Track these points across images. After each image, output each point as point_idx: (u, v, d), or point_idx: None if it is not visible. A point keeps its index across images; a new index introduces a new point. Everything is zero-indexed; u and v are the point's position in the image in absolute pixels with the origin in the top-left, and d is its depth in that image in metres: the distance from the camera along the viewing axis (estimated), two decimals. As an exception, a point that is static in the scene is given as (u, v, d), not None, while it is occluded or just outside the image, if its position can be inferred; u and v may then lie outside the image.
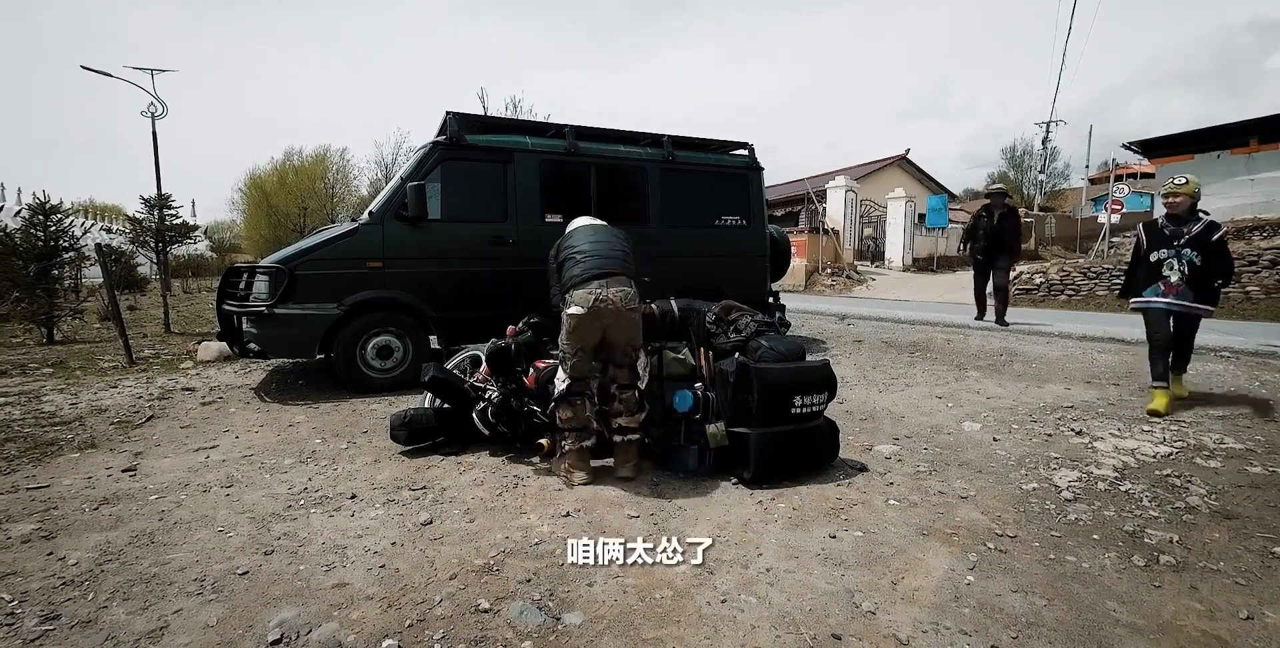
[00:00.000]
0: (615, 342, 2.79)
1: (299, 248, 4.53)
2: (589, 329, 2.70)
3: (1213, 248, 3.72)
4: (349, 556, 2.07)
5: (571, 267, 2.81)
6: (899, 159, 25.33)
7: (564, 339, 2.75)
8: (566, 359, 2.77)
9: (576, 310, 2.66)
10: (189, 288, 20.49)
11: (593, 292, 2.66)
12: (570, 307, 2.68)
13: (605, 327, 2.72)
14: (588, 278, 2.72)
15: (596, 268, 2.76)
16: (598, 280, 2.71)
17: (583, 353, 2.75)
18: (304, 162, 31.11)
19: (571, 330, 2.71)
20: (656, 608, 1.78)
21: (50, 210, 8.18)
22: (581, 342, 2.73)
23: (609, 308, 2.67)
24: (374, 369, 4.53)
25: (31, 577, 1.94)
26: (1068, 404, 4.07)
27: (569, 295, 2.72)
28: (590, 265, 2.77)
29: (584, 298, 2.66)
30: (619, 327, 2.75)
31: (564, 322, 2.72)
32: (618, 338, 2.78)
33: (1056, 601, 1.82)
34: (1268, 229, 12.92)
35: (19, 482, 2.78)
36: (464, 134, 4.78)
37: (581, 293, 2.67)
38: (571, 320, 2.69)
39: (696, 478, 2.78)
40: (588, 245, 2.90)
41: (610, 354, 2.83)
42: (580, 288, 2.70)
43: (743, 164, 6.13)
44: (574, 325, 2.69)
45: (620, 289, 2.71)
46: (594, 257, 2.82)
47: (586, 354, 2.77)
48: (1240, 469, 2.89)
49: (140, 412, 4.01)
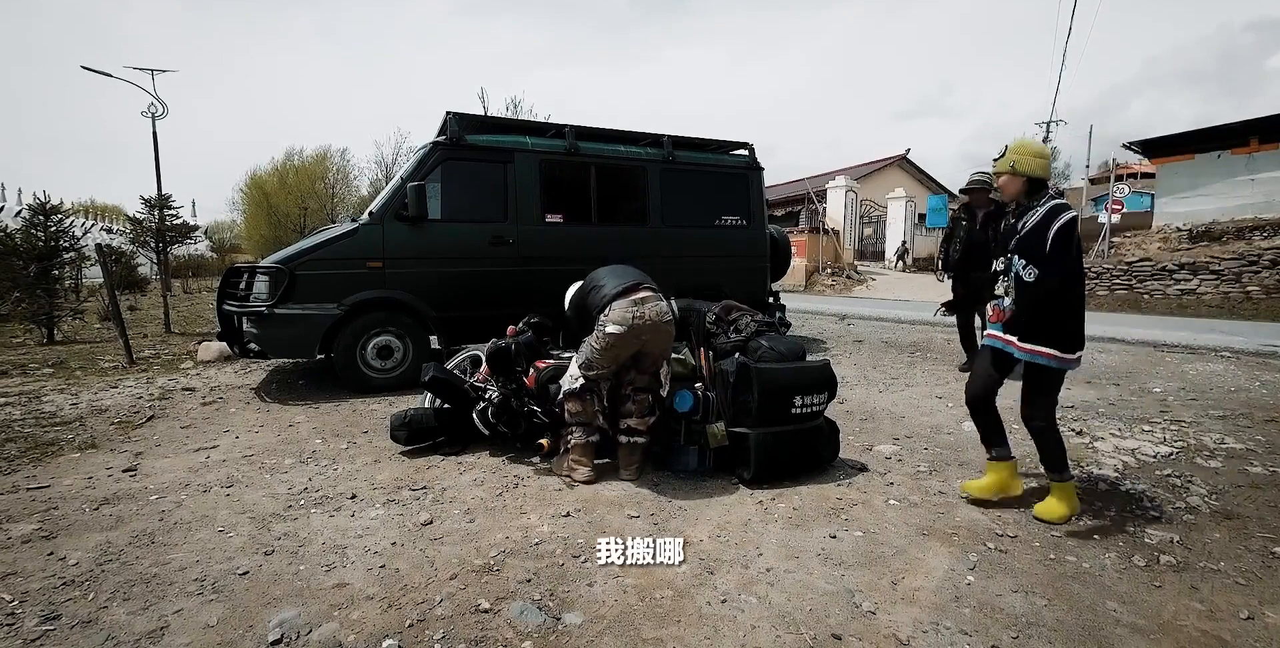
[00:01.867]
0: (650, 353, 2.82)
1: (299, 248, 4.53)
2: (626, 346, 2.72)
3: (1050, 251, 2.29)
4: (349, 556, 2.07)
5: (599, 292, 2.82)
6: (899, 159, 25.34)
7: (596, 355, 2.73)
8: (594, 369, 2.75)
9: (616, 329, 2.65)
10: (189, 288, 20.49)
11: (629, 310, 2.67)
12: (609, 325, 2.66)
13: (644, 342, 2.75)
14: (619, 292, 2.73)
15: (625, 282, 2.79)
16: (631, 295, 2.72)
17: (613, 368, 2.78)
18: (304, 162, 31.14)
19: (608, 347, 2.70)
20: (657, 608, 1.78)
21: (50, 210, 8.19)
22: (616, 358, 2.75)
23: (647, 324, 2.69)
24: (374, 369, 4.53)
25: (32, 577, 1.94)
26: (1068, 404, 4.06)
27: (605, 314, 2.70)
28: (618, 281, 2.80)
29: (622, 317, 2.65)
30: (656, 341, 2.78)
31: (600, 338, 2.70)
32: (653, 350, 2.81)
33: (1057, 601, 1.82)
34: (1268, 229, 12.93)
35: (19, 482, 2.79)
36: (464, 134, 4.78)
37: (620, 312, 2.66)
38: (610, 338, 2.67)
39: (696, 478, 2.79)
40: (608, 272, 2.93)
41: (638, 363, 2.84)
42: (617, 304, 2.69)
43: (743, 164, 6.13)
44: (611, 343, 2.68)
45: (655, 305, 2.73)
46: (619, 276, 2.86)
47: (615, 368, 2.79)
48: (1241, 469, 2.89)
49: (140, 412, 4.01)
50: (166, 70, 19.67)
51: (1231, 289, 10.05)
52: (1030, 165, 2.40)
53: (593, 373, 2.75)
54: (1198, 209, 15.08)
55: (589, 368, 2.75)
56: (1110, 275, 11.59)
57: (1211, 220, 14.39)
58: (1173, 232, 14.95)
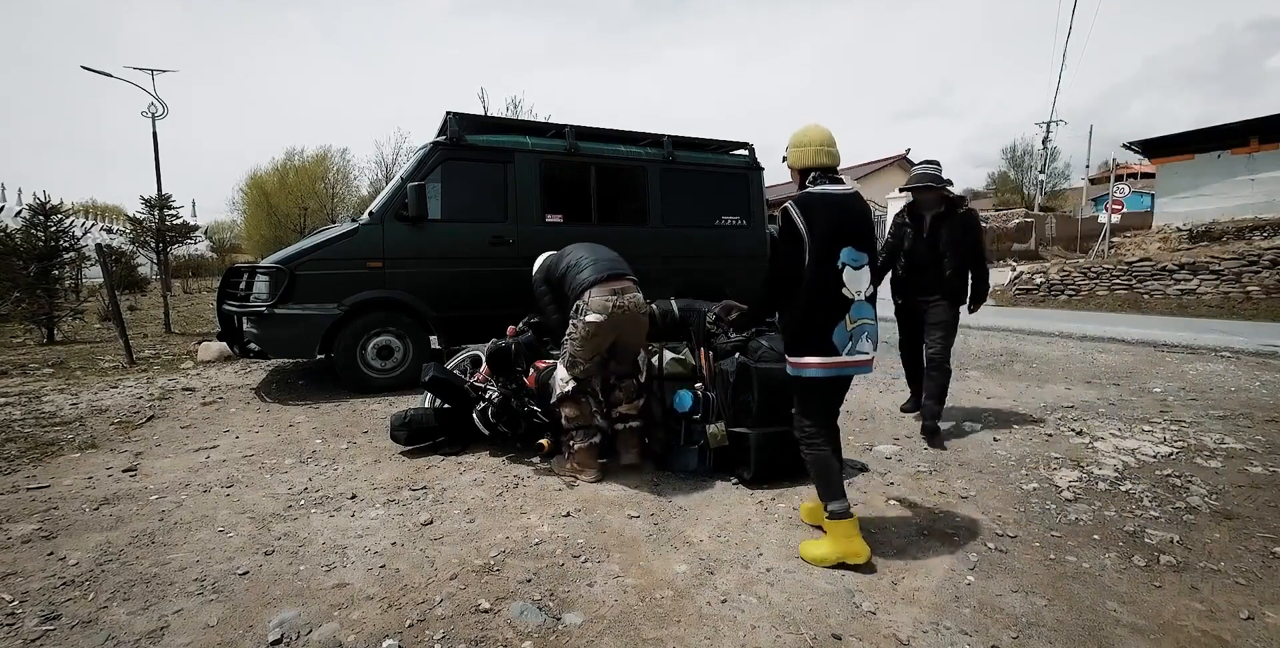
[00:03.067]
0: (626, 343, 2.86)
1: (299, 248, 4.53)
2: (606, 336, 2.73)
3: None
4: (349, 556, 2.07)
5: (577, 273, 2.81)
6: (899, 159, 25.34)
7: (578, 347, 2.73)
8: (578, 364, 2.76)
9: (596, 318, 2.65)
10: (189, 288, 20.50)
11: (609, 299, 2.66)
12: (588, 314, 2.66)
13: (622, 331, 2.77)
14: (600, 279, 2.71)
15: (607, 269, 2.78)
16: (611, 283, 2.71)
17: (596, 359, 2.79)
18: (305, 162, 31.09)
19: (589, 337, 2.70)
20: (657, 608, 1.78)
21: (50, 211, 8.19)
22: (597, 348, 2.76)
23: (626, 315, 2.70)
24: (374, 369, 4.53)
25: (32, 577, 1.94)
26: (1068, 404, 4.07)
27: (584, 301, 2.69)
28: (600, 268, 2.79)
29: (602, 305, 2.65)
30: (632, 331, 2.83)
31: (579, 329, 2.69)
32: (630, 341, 2.86)
33: (1057, 601, 1.82)
34: (1268, 229, 12.93)
35: (19, 482, 2.79)
36: (464, 134, 4.78)
37: (599, 301, 2.66)
38: (590, 328, 2.67)
39: (696, 478, 2.79)
40: (587, 251, 2.93)
41: (616, 353, 2.89)
42: (595, 291, 2.68)
43: (743, 164, 6.13)
44: (592, 332, 2.68)
45: (633, 296, 2.75)
46: (601, 261, 2.84)
47: (598, 360, 2.81)
48: (1241, 469, 2.88)
49: (140, 412, 4.01)
50: (166, 70, 19.64)
51: (1231, 289, 10.04)
52: (793, 157, 2.20)
53: (578, 369, 2.77)
54: (1198, 209, 15.08)
55: (573, 364, 2.76)
56: (1110, 275, 11.59)
57: (1211, 220, 14.40)
58: (1173, 232, 14.95)
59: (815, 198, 2.06)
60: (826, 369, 2.02)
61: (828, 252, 2.01)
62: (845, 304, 2.01)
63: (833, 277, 2.01)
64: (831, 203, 2.06)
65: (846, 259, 2.02)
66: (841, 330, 2.00)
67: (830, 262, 2.01)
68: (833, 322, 2.00)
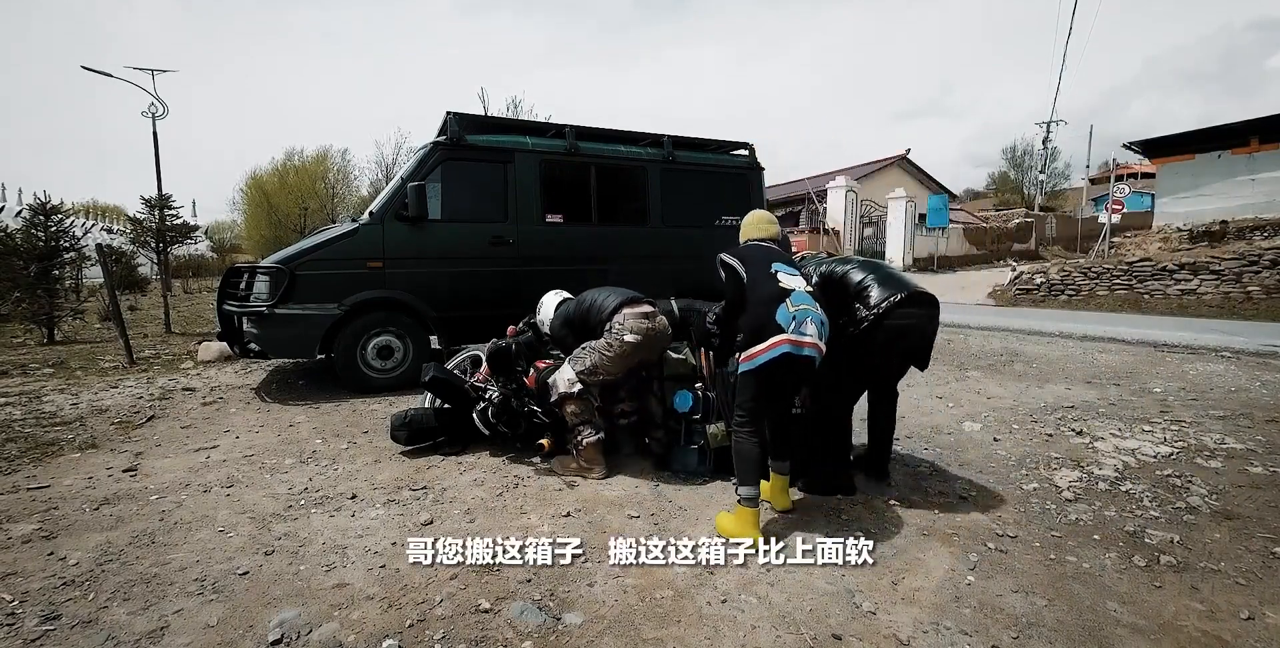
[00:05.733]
0: (650, 360, 2.98)
1: (299, 248, 4.53)
2: (636, 355, 2.82)
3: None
4: (349, 556, 2.07)
5: (596, 306, 2.92)
6: (899, 159, 25.30)
7: (608, 362, 2.79)
8: (599, 375, 2.81)
9: (634, 338, 2.76)
10: (189, 288, 20.49)
11: (642, 321, 2.80)
12: (627, 334, 2.76)
13: (652, 350, 2.89)
14: (626, 301, 2.88)
15: (630, 294, 2.94)
16: (639, 306, 2.87)
17: (621, 373, 2.87)
18: (305, 162, 31.07)
19: (623, 355, 2.78)
20: (657, 608, 1.78)
21: (51, 211, 8.19)
22: (627, 365, 2.85)
23: (657, 335, 2.86)
24: (374, 369, 4.53)
25: (32, 577, 1.94)
26: (1068, 404, 4.06)
27: (618, 322, 2.79)
28: (622, 292, 2.95)
29: (638, 326, 2.78)
30: (656, 350, 2.95)
31: (615, 346, 2.76)
32: (648, 359, 2.97)
33: (1057, 601, 1.82)
34: (1268, 229, 12.93)
35: (19, 482, 2.79)
36: (464, 134, 4.78)
37: (635, 322, 2.78)
38: (628, 347, 2.76)
39: (696, 478, 2.79)
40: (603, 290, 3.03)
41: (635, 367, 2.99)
42: (627, 313, 2.80)
43: (743, 164, 6.13)
44: (627, 351, 2.77)
45: (661, 319, 2.91)
46: (619, 290, 2.99)
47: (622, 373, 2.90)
48: (1241, 469, 2.88)
49: (141, 412, 4.01)
50: (166, 70, 19.64)
51: (1232, 289, 10.04)
52: (742, 234, 2.68)
53: (597, 378, 2.82)
54: (1198, 209, 15.08)
55: (593, 373, 2.80)
56: (1110, 275, 11.58)
57: (1212, 220, 14.39)
58: (1173, 232, 14.95)
59: (745, 246, 2.52)
60: (774, 349, 2.13)
61: (762, 267, 2.33)
62: (784, 292, 2.22)
63: (770, 276, 2.30)
64: (758, 246, 2.49)
65: (779, 269, 2.33)
66: (785, 311, 2.17)
67: (765, 268, 2.33)
68: (775, 305, 2.19)
